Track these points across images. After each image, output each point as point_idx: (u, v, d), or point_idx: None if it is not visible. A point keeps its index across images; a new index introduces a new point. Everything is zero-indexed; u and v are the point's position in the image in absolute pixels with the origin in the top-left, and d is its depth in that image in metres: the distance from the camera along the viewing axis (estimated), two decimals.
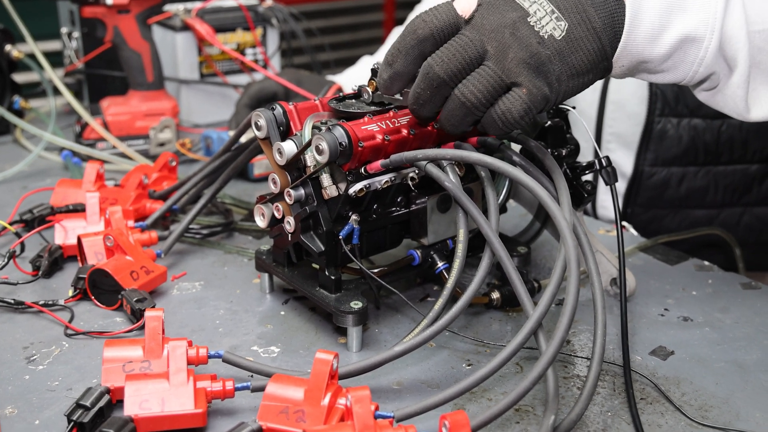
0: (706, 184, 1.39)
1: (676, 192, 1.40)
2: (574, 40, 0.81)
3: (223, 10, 1.68)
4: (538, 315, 0.78)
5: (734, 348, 0.93)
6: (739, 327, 0.98)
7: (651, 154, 1.38)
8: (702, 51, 0.84)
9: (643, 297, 1.04)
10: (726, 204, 1.40)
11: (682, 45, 0.84)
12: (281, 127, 0.93)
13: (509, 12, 0.81)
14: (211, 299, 1.03)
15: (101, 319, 0.98)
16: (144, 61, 1.48)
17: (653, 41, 0.83)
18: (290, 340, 0.94)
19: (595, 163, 0.99)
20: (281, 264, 1.00)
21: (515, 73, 0.80)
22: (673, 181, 1.39)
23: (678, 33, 0.83)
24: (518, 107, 0.80)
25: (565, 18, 0.81)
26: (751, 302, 1.03)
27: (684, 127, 1.35)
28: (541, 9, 0.81)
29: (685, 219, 1.41)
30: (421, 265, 0.98)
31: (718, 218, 1.40)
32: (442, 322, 0.83)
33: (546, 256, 1.15)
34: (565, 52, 0.81)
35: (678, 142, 1.36)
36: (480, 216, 0.85)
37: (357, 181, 0.89)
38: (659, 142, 1.37)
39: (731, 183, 1.38)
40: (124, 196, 1.20)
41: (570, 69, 0.81)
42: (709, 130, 1.35)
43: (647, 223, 1.42)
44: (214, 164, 1.18)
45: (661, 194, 1.40)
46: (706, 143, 1.36)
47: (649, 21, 0.82)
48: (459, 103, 0.81)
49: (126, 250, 1.02)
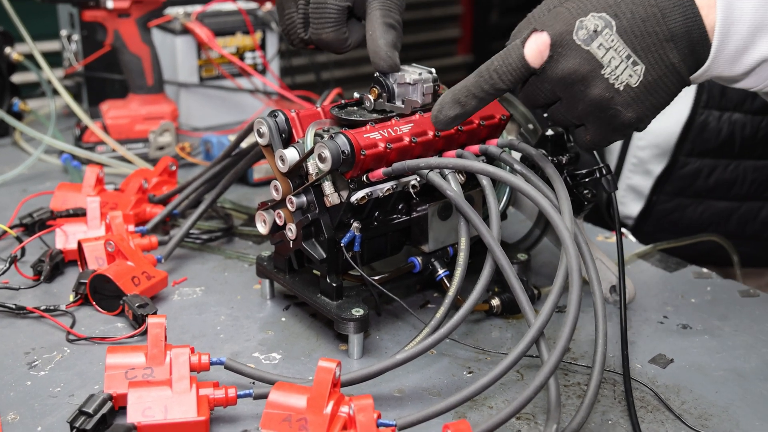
0: (734, 177, 1.40)
1: (705, 183, 1.41)
2: (651, 82, 0.79)
3: (222, 14, 1.68)
4: (539, 324, 0.78)
5: (733, 356, 0.94)
6: (738, 335, 0.98)
7: (689, 145, 1.39)
8: None
9: (643, 304, 1.04)
10: (748, 197, 1.41)
11: (761, 64, 0.80)
12: (283, 134, 0.93)
13: (582, 65, 0.78)
14: (211, 305, 1.03)
15: (102, 325, 0.98)
16: (144, 65, 1.48)
17: (734, 62, 0.80)
18: (291, 347, 0.94)
19: (596, 170, 1.00)
20: (282, 270, 1.00)
21: (584, 120, 0.83)
22: (704, 172, 1.40)
23: (760, 55, 0.79)
24: (580, 143, 0.86)
25: (641, 60, 0.78)
26: (750, 310, 1.03)
27: (725, 121, 1.37)
28: (617, 56, 0.78)
29: (707, 210, 1.42)
30: (421, 273, 0.98)
31: (738, 211, 1.41)
32: (444, 331, 0.83)
33: (545, 263, 1.15)
34: (642, 97, 0.80)
35: (717, 134, 1.37)
36: (482, 225, 0.85)
37: (359, 189, 0.89)
38: (699, 134, 1.38)
39: (759, 177, 1.40)
40: (124, 200, 1.21)
41: (647, 109, 0.81)
42: (750, 124, 1.36)
43: (670, 212, 1.43)
44: (214, 169, 1.18)
45: (690, 184, 1.41)
46: (744, 137, 1.37)
47: (734, 45, 0.78)
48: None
49: (127, 256, 1.02)
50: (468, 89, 0.82)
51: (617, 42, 0.78)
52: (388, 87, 0.95)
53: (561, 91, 0.82)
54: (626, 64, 0.78)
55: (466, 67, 4.44)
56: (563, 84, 0.81)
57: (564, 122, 0.85)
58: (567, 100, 0.82)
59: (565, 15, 0.79)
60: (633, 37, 0.78)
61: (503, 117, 0.98)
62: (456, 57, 4.71)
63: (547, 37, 0.79)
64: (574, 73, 0.79)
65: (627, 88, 0.79)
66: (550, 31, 0.79)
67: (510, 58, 0.80)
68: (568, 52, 0.79)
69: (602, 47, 0.78)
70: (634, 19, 0.77)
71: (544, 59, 0.80)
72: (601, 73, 0.79)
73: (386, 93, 0.95)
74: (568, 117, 0.84)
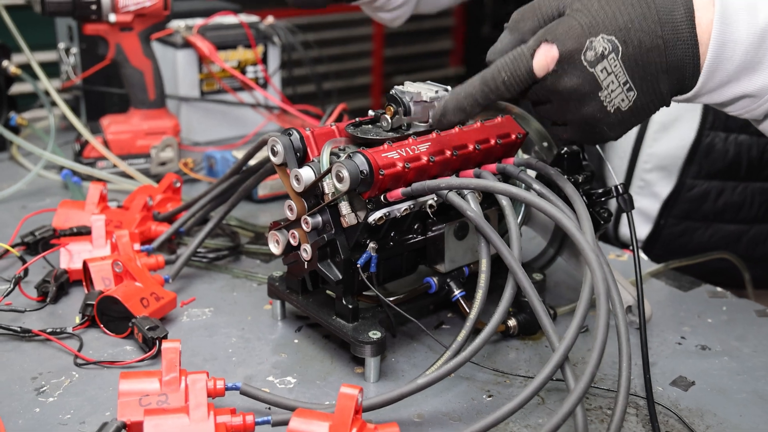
0: (742, 199, 1.38)
1: (713, 206, 1.39)
2: (638, 108, 0.81)
3: (224, 27, 1.67)
4: (564, 348, 0.76)
5: (755, 378, 0.92)
6: (758, 356, 0.97)
7: (695, 167, 1.38)
8: (755, 105, 0.84)
9: (659, 325, 1.03)
10: (758, 220, 1.40)
11: (740, 99, 0.83)
12: (298, 152, 0.92)
13: (584, 85, 0.79)
14: (222, 326, 1.01)
15: (111, 348, 0.95)
16: (146, 79, 1.46)
17: (716, 93, 0.83)
18: (306, 370, 0.92)
19: (612, 190, 0.99)
20: (295, 291, 0.98)
21: (569, 124, 0.84)
22: (712, 194, 1.39)
23: (740, 90, 0.82)
24: (555, 136, 0.89)
25: (635, 87, 0.80)
26: (767, 330, 1.02)
27: (731, 142, 1.35)
28: (615, 81, 0.79)
29: (716, 233, 1.41)
30: (437, 293, 0.97)
31: (748, 234, 1.40)
32: (466, 354, 0.81)
33: (558, 282, 1.14)
34: (627, 120, 0.82)
35: (724, 156, 1.36)
36: (503, 246, 0.84)
37: (377, 209, 0.87)
38: (705, 156, 1.37)
39: (767, 199, 1.38)
40: (128, 218, 1.18)
41: (627, 129, 0.84)
42: (756, 146, 1.35)
43: (678, 235, 1.41)
44: (222, 186, 1.16)
45: (698, 207, 1.40)
46: (750, 159, 1.36)
47: (719, 80, 0.81)
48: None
49: (135, 276, 1.00)
50: (474, 98, 0.83)
51: (619, 68, 0.79)
52: (404, 105, 0.93)
53: (556, 100, 0.83)
54: (622, 90, 0.80)
55: (458, 79, 4.42)
56: (560, 96, 0.82)
57: (548, 119, 0.87)
58: (558, 108, 0.84)
59: (577, 31, 0.79)
60: (634, 66, 0.79)
61: (519, 135, 0.97)
62: (448, 69, 4.72)
63: (557, 52, 0.79)
64: (574, 91, 0.80)
65: (617, 111, 0.81)
66: (561, 47, 0.79)
67: (519, 70, 0.81)
68: (573, 70, 0.80)
69: (605, 71, 0.79)
70: (640, 48, 0.79)
71: (549, 71, 0.80)
72: (598, 95, 0.80)
73: (402, 109, 0.94)
74: (553, 118, 0.86)
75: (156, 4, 1.43)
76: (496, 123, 0.97)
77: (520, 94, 0.83)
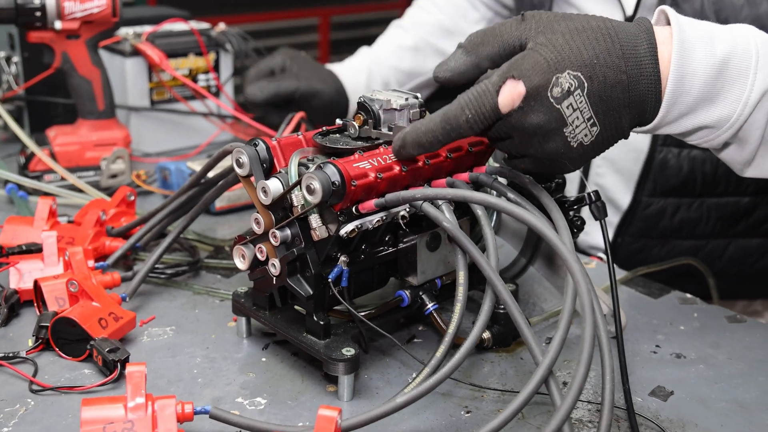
0: (699, 215, 1.38)
1: (670, 223, 1.39)
2: (600, 142, 0.81)
3: (174, 35, 1.62)
4: (548, 362, 0.74)
5: (732, 386, 0.92)
6: (733, 363, 0.96)
7: (651, 184, 1.37)
8: (714, 135, 0.84)
9: (633, 333, 1.02)
10: (714, 235, 1.40)
11: (698, 130, 0.84)
12: (264, 163, 0.88)
13: (550, 122, 0.78)
14: (185, 346, 0.97)
15: (68, 372, 0.90)
16: (95, 89, 1.41)
17: (674, 125, 0.83)
18: (276, 390, 0.89)
19: (585, 197, 0.97)
20: (262, 307, 0.95)
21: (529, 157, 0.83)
22: (668, 211, 1.38)
23: (699, 122, 0.82)
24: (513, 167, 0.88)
25: (599, 123, 0.79)
26: (740, 336, 1.02)
27: (684, 158, 1.35)
28: (581, 116, 0.78)
29: (673, 250, 1.41)
30: (409, 307, 0.94)
31: (704, 249, 1.40)
32: (445, 370, 0.79)
33: (528, 292, 1.12)
34: (588, 154, 0.82)
35: (678, 172, 1.36)
36: (481, 257, 0.82)
37: (349, 222, 0.84)
38: (660, 171, 1.36)
39: (723, 215, 1.38)
40: (81, 234, 1.13)
41: (586, 161, 0.85)
42: (709, 161, 1.35)
43: (635, 252, 1.41)
44: (180, 199, 1.12)
45: (655, 225, 1.39)
46: (704, 174, 1.36)
47: (678, 113, 0.81)
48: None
49: (92, 296, 0.95)
50: (434, 135, 0.81)
51: (584, 104, 0.78)
52: (373, 113, 0.91)
53: (518, 136, 0.81)
54: (586, 125, 0.79)
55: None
56: (524, 133, 0.80)
57: (506, 152, 0.87)
58: (521, 144, 0.82)
59: (543, 67, 0.78)
60: (599, 101, 0.78)
61: None
62: None
63: (524, 88, 0.78)
64: (540, 128, 0.79)
65: (579, 146, 0.80)
66: (527, 82, 0.78)
67: (483, 107, 0.79)
68: (539, 107, 0.78)
69: (570, 107, 0.78)
70: (605, 84, 0.78)
71: (514, 108, 0.79)
72: (563, 131, 0.79)
73: (372, 119, 0.91)
74: (513, 152, 0.85)
75: (104, 11, 1.38)
76: None
77: (482, 132, 0.82)
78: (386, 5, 4.62)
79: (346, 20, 4.57)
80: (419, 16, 1.76)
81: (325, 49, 4.53)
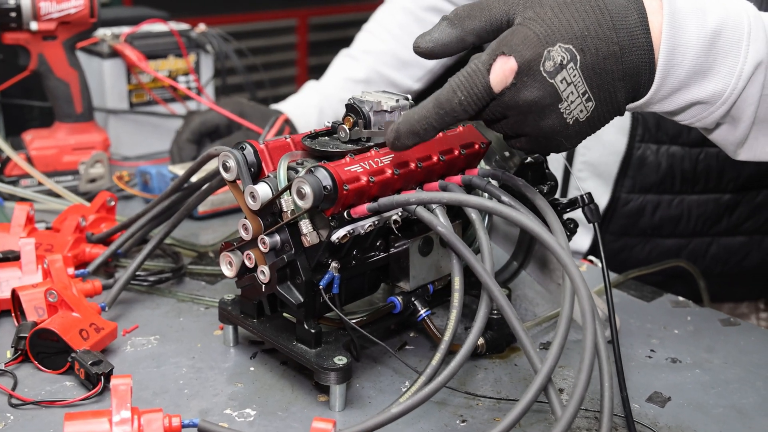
0: (679, 213, 1.37)
1: (650, 221, 1.38)
2: (595, 118, 0.79)
3: (153, 36, 1.59)
4: (547, 370, 0.72)
5: (729, 391, 0.91)
6: (729, 368, 0.95)
7: (629, 181, 1.36)
8: (707, 113, 0.82)
9: (627, 337, 1.01)
10: (696, 233, 1.39)
11: (691, 106, 0.82)
12: (252, 168, 0.86)
13: (544, 98, 0.76)
14: (170, 355, 0.94)
15: (49, 385, 0.88)
16: (72, 91, 1.38)
17: (667, 101, 0.81)
18: (265, 401, 0.86)
19: (578, 200, 0.96)
20: (250, 315, 0.92)
21: (524, 137, 0.82)
22: (648, 209, 1.37)
23: (692, 97, 0.81)
24: (514, 147, 0.85)
25: (594, 97, 0.77)
26: (735, 340, 1.01)
27: (663, 154, 1.34)
28: (575, 91, 0.76)
29: (655, 248, 1.39)
30: (401, 313, 0.92)
31: (687, 248, 1.39)
32: (441, 379, 0.76)
33: (519, 296, 1.11)
34: (584, 130, 0.80)
35: (657, 169, 1.34)
36: (477, 262, 0.80)
37: (340, 227, 0.82)
38: (638, 168, 1.35)
39: (704, 212, 1.37)
40: (60, 241, 1.10)
41: (582, 139, 0.82)
42: (688, 157, 1.34)
43: (617, 252, 1.40)
44: (162, 204, 1.09)
45: (635, 222, 1.38)
46: (683, 171, 1.34)
47: (671, 87, 0.80)
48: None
49: (72, 306, 0.93)
50: (428, 121, 0.78)
51: (578, 78, 0.76)
52: (364, 115, 0.89)
53: (513, 115, 0.79)
54: (581, 100, 0.77)
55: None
56: (519, 111, 0.78)
57: (502, 133, 0.84)
58: (515, 123, 0.80)
59: (534, 41, 0.76)
60: (593, 74, 0.77)
61: (482, 144, 0.94)
62: None
63: (515, 63, 0.76)
64: (534, 104, 0.77)
65: (575, 123, 0.78)
66: (518, 57, 0.76)
67: (475, 88, 0.77)
68: (532, 82, 0.76)
69: (564, 81, 0.76)
70: (597, 56, 0.76)
71: (507, 85, 0.77)
72: (558, 107, 0.77)
73: (362, 121, 0.89)
74: (509, 133, 0.83)
75: (81, 11, 1.35)
76: (459, 132, 0.93)
77: (476, 113, 0.80)
78: (364, 6, 4.59)
79: (324, 21, 4.55)
80: (371, 44, 1.67)
81: (304, 51, 4.49)
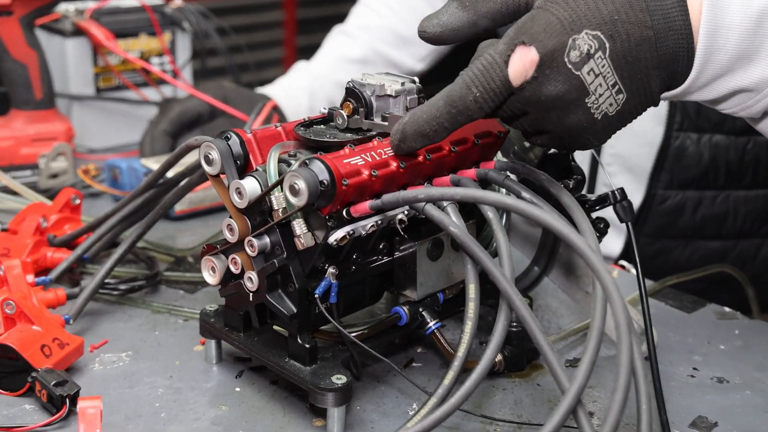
0: (724, 210, 1.37)
1: (691, 220, 1.37)
2: (626, 111, 0.79)
3: (122, 11, 1.60)
4: (576, 390, 0.72)
5: None
6: None
7: (666, 176, 1.35)
8: (753, 101, 0.82)
9: (666, 354, 1.01)
10: (743, 234, 1.38)
11: (735, 94, 0.82)
12: (238, 160, 0.86)
13: (570, 92, 0.76)
14: (144, 374, 0.94)
15: (6, 408, 0.87)
16: (31, 74, 1.38)
17: (708, 88, 0.81)
18: (254, 426, 0.86)
19: (609, 196, 0.96)
20: (236, 328, 0.92)
21: (547, 134, 0.82)
22: (688, 206, 1.37)
23: (735, 84, 0.80)
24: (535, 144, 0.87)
25: (625, 89, 0.77)
26: None
27: (705, 144, 1.33)
28: (604, 83, 0.76)
29: (696, 252, 1.39)
30: (408, 325, 0.92)
31: (733, 251, 1.39)
32: (454, 401, 0.76)
33: (541, 306, 1.11)
34: (613, 125, 0.80)
35: (698, 161, 1.34)
36: (494, 267, 0.79)
37: (339, 227, 0.82)
38: (676, 161, 1.34)
39: (752, 210, 1.37)
40: (18, 244, 1.10)
41: (612, 134, 0.82)
42: (734, 147, 1.33)
43: (653, 256, 1.39)
44: (135, 202, 1.09)
45: (674, 222, 1.37)
46: (728, 163, 1.34)
47: (712, 73, 0.79)
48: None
49: (32, 318, 0.92)
50: (439, 122, 0.78)
51: (607, 68, 0.76)
52: (365, 100, 0.89)
53: (534, 111, 0.79)
54: (610, 93, 0.77)
55: None
56: (540, 107, 0.78)
57: (521, 130, 0.84)
58: (536, 120, 0.80)
59: (557, 28, 0.75)
60: (624, 64, 0.76)
61: (500, 134, 0.93)
62: None
63: (536, 54, 0.75)
64: (558, 99, 0.77)
65: (604, 117, 0.78)
66: (540, 48, 0.75)
67: (492, 82, 0.76)
68: (556, 75, 0.76)
69: (592, 73, 0.76)
70: (628, 42, 0.76)
71: (527, 79, 0.76)
72: (585, 101, 0.77)
73: (363, 108, 0.89)
74: (528, 129, 0.83)
75: None
76: None
77: (493, 111, 0.79)
78: None
79: None
80: (368, 19, 1.68)
81: (292, 29, 4.50)
